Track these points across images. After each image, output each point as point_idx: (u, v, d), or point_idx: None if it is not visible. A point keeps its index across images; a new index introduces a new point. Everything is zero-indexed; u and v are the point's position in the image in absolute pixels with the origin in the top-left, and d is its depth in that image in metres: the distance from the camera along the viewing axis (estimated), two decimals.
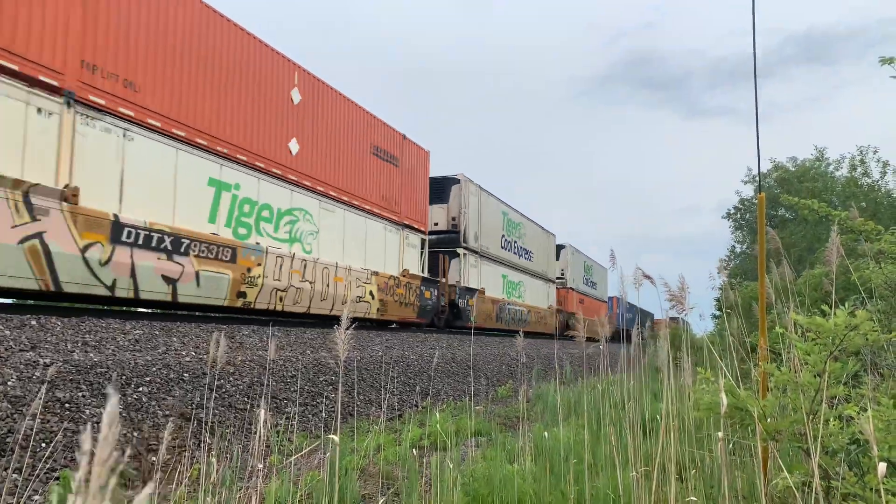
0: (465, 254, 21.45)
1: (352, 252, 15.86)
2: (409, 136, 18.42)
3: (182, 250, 10.59)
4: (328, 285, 14.54)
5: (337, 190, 15.43)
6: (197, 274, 10.85)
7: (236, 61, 12.38)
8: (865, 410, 2.35)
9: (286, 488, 4.83)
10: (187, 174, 11.09)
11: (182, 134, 10.98)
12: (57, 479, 5.10)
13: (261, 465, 5.34)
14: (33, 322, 7.54)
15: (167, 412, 6.90)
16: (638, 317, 8.25)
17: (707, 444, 4.47)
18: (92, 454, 0.55)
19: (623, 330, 7.18)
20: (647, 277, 3.39)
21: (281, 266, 13.04)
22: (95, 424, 6.17)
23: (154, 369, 7.47)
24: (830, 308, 2.70)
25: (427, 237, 19.49)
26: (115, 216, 9.46)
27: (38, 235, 8.38)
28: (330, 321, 14.70)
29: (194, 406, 7.33)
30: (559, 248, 32.78)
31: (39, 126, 8.72)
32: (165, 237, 10.30)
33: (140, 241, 9.89)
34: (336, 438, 2.23)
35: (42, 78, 8.75)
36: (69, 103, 9.12)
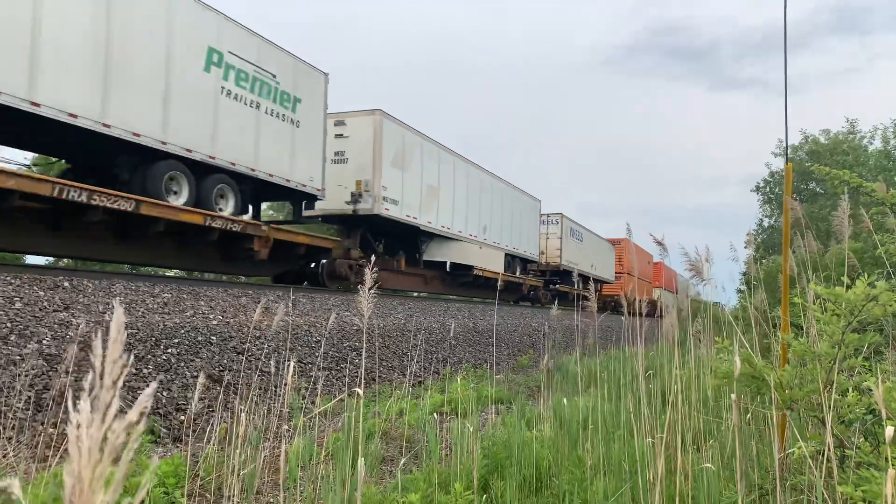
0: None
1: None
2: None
3: None
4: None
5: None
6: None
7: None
8: (884, 382, 2.36)
9: (309, 448, 4.98)
10: None
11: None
12: None
13: (286, 427, 5.49)
14: (66, 284, 7.75)
15: (195, 373, 7.09)
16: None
17: (727, 416, 4.50)
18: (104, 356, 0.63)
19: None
20: (660, 244, 3.40)
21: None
22: (125, 384, 6.37)
23: (182, 332, 7.66)
24: (853, 281, 2.70)
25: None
26: None
27: None
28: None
29: (222, 368, 7.52)
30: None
31: None
32: None
33: None
34: (360, 391, 2.31)
35: None
36: None
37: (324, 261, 14.93)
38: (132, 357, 6.75)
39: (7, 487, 0.66)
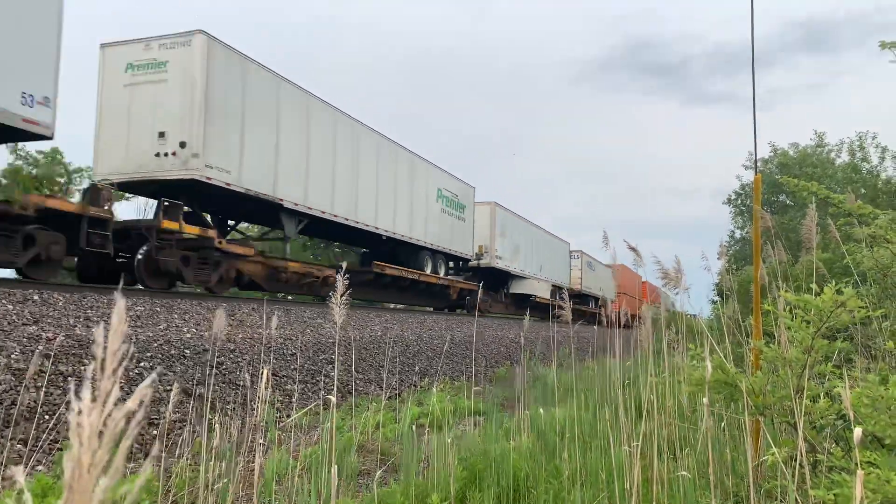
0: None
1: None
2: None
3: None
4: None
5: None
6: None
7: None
8: (853, 388, 2.40)
9: (285, 461, 4.92)
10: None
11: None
12: (60, 449, 5.18)
13: (261, 440, 5.42)
14: (35, 297, 7.60)
15: (168, 387, 6.98)
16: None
17: (702, 425, 4.53)
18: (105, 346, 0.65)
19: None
20: (633, 249, 3.43)
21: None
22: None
23: (155, 345, 7.54)
24: (822, 289, 2.75)
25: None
26: None
27: None
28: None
29: (195, 382, 7.42)
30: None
31: None
32: None
33: None
34: (333, 399, 2.29)
35: None
36: None
37: (467, 297, 24.39)
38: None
39: (12, 476, 0.69)
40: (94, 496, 0.61)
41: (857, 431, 1.44)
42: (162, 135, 11.74)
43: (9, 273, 9.85)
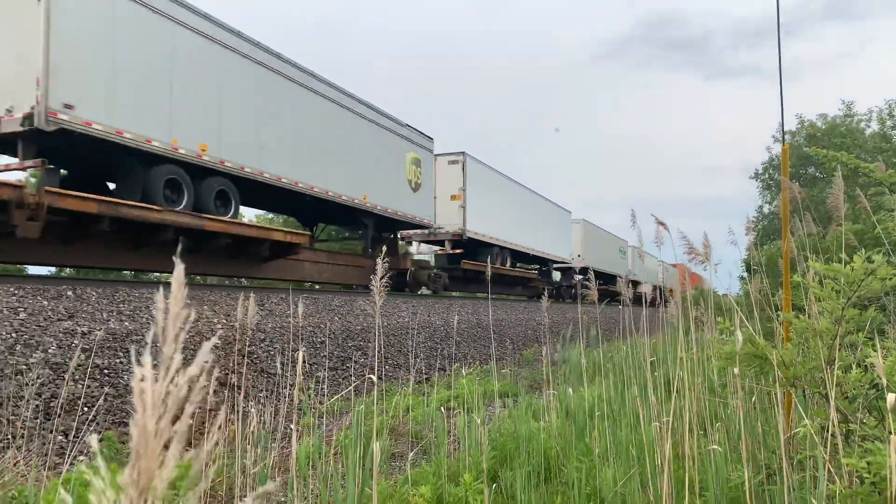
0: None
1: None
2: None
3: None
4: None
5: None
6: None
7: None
8: (885, 357, 2.38)
9: (318, 447, 4.99)
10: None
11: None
12: (101, 440, 5.32)
13: (294, 426, 5.51)
14: (69, 293, 7.77)
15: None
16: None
17: (732, 399, 4.50)
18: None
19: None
20: (661, 224, 3.40)
21: None
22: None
23: (186, 336, 7.68)
24: (851, 258, 2.71)
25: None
26: None
27: None
28: None
29: (227, 371, 7.55)
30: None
31: None
32: None
33: None
34: (374, 378, 2.32)
35: None
36: None
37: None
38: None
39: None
40: (161, 462, 0.60)
41: (891, 397, 1.43)
42: None
43: (42, 269, 10.08)
